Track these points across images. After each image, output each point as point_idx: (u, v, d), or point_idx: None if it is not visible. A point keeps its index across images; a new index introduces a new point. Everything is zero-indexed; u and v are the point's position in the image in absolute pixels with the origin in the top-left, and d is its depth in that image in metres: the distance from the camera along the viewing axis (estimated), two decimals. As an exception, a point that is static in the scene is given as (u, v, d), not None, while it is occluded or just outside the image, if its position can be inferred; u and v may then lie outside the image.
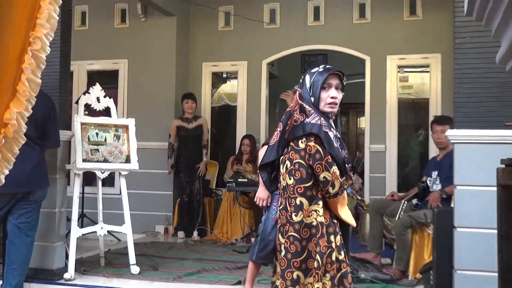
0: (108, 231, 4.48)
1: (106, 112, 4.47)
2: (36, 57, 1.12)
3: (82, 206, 5.72)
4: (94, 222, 4.69)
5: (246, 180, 5.90)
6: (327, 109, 2.43)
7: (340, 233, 2.42)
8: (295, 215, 2.32)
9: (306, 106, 2.40)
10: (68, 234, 4.23)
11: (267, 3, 6.74)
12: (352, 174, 2.47)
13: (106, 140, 4.26)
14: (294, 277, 2.31)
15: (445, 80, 5.93)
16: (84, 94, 4.48)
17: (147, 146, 6.15)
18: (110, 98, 4.49)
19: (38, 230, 3.68)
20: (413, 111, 7.88)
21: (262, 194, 2.94)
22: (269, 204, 2.96)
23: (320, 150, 2.31)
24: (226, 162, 6.61)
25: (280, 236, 2.40)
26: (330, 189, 2.31)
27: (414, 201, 4.62)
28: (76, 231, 4.06)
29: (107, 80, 6.61)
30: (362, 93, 6.51)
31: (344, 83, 2.48)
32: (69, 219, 4.20)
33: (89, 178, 5.91)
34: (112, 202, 5.47)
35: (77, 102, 4.52)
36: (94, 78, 6.41)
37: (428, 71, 6.44)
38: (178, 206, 6.27)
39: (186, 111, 6.22)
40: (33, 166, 3.46)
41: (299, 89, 2.49)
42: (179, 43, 6.68)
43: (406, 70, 7.15)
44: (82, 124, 4.15)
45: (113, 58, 6.76)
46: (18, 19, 1.10)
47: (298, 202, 2.32)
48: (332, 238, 2.36)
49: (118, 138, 4.32)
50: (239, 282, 3.92)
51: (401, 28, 6.29)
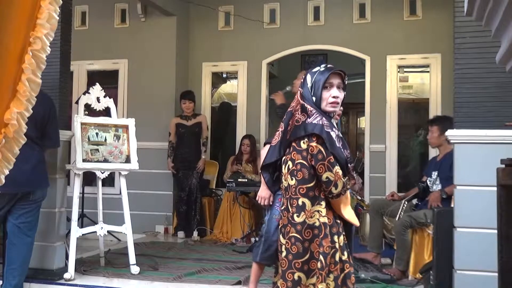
0: (108, 231, 4.48)
1: (106, 112, 4.47)
2: (36, 57, 1.12)
3: (82, 206, 5.72)
4: (94, 222, 4.69)
5: (246, 180, 5.90)
6: (329, 108, 2.40)
7: (343, 233, 2.40)
8: (297, 216, 2.30)
9: (308, 106, 2.38)
10: (68, 234, 4.23)
11: (267, 3, 6.74)
12: (354, 174, 2.46)
13: (106, 140, 4.26)
14: (295, 278, 2.29)
15: (445, 80, 5.93)
16: (84, 94, 4.47)
17: (147, 146, 6.15)
18: (110, 98, 4.49)
19: (38, 230, 3.68)
20: (413, 111, 7.89)
21: (263, 193, 2.94)
22: (271, 203, 2.96)
23: (322, 150, 2.29)
24: (226, 162, 6.62)
25: (281, 236, 2.38)
26: (333, 189, 2.29)
27: (414, 201, 4.62)
28: (76, 231, 4.05)
29: (107, 80, 6.60)
30: (362, 93, 6.50)
31: (345, 82, 2.46)
32: (69, 219, 4.20)
33: (89, 178, 5.90)
34: (112, 202, 5.47)
35: (77, 102, 4.52)
36: (94, 78, 6.40)
37: (428, 71, 6.44)
38: (175, 203, 6.27)
39: (184, 111, 6.24)
40: (33, 166, 3.46)
41: (300, 88, 2.47)
42: (179, 43, 6.68)
43: (406, 70, 7.16)
44: (82, 124, 4.15)
45: (113, 58, 6.76)
46: (18, 19, 1.10)
47: (300, 203, 2.30)
48: (335, 238, 2.33)
49: (118, 138, 4.32)
50: (239, 282, 3.92)
51: (401, 28, 6.29)
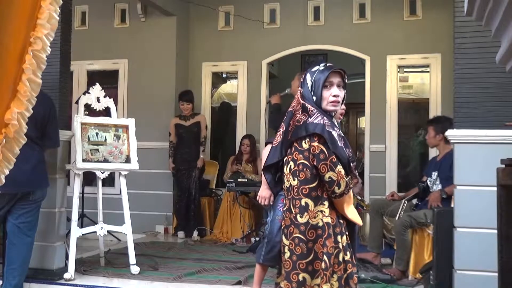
0: (108, 231, 4.48)
1: (106, 112, 4.46)
2: (36, 57, 1.12)
3: (82, 206, 5.72)
4: (94, 222, 4.69)
5: (246, 180, 5.90)
6: (330, 107, 2.39)
7: (346, 233, 2.39)
8: (300, 216, 2.28)
9: (309, 106, 2.37)
10: (68, 234, 4.23)
11: (267, 3, 6.74)
12: (357, 173, 2.45)
13: (106, 140, 4.25)
14: (300, 279, 2.26)
15: (445, 80, 5.93)
16: (84, 94, 4.47)
17: (147, 146, 6.15)
18: (110, 98, 4.49)
19: (38, 230, 3.68)
20: (413, 111, 7.89)
21: (264, 193, 2.93)
22: (271, 203, 2.95)
23: (324, 150, 2.27)
24: (226, 162, 6.62)
25: (284, 237, 2.35)
26: (336, 189, 2.28)
27: (414, 201, 4.63)
28: (76, 231, 4.05)
29: (107, 80, 6.61)
30: (362, 93, 6.50)
31: (345, 81, 2.45)
32: (69, 219, 4.20)
33: (89, 178, 5.91)
34: (112, 202, 5.47)
35: (77, 102, 4.52)
36: (94, 78, 6.40)
37: (428, 71, 6.44)
38: (175, 203, 6.26)
39: (182, 111, 6.25)
40: (33, 166, 3.46)
41: (300, 88, 2.45)
42: (179, 43, 6.68)
43: (406, 70, 7.16)
44: (82, 124, 4.15)
45: (113, 58, 6.76)
46: (19, 19, 1.10)
47: (303, 203, 2.28)
48: (339, 238, 2.32)
49: (118, 138, 4.32)
50: (239, 282, 3.92)
51: (401, 28, 6.29)
